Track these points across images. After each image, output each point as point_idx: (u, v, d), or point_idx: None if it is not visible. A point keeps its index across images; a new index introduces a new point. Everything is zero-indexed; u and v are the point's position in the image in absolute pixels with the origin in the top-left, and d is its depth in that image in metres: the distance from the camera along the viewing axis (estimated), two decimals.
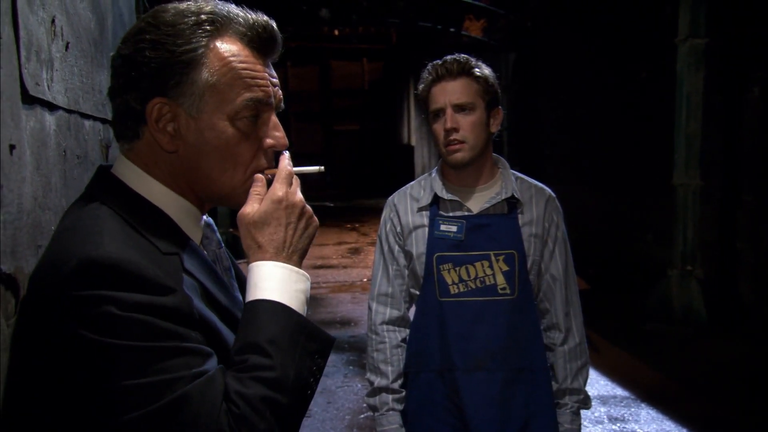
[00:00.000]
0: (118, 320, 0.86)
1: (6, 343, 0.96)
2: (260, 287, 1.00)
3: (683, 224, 6.29)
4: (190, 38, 1.00)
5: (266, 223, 1.02)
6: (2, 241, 0.95)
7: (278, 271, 1.01)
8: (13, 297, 0.99)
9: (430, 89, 1.93)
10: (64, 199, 1.32)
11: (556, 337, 2.01)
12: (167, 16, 1.01)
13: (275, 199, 1.03)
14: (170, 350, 0.88)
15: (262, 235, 1.02)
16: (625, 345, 5.72)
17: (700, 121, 6.23)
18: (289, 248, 1.03)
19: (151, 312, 0.88)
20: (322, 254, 11.26)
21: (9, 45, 1.01)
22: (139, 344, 0.86)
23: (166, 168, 1.05)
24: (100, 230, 0.93)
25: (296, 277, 1.02)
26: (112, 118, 1.07)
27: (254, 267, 1.02)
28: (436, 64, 1.94)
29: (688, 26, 6.17)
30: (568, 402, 1.99)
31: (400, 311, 2.05)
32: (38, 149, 1.16)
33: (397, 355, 2.03)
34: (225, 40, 1.03)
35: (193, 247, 1.05)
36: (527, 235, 1.95)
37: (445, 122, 1.90)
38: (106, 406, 0.86)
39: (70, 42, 1.40)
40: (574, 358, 1.99)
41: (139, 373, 0.86)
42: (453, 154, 1.91)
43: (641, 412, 4.43)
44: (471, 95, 1.90)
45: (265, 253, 1.02)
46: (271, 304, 0.98)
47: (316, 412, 4.46)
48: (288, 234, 1.03)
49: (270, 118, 1.08)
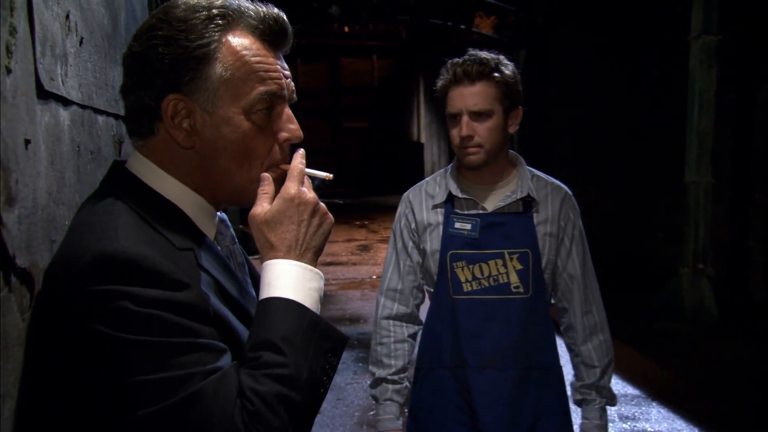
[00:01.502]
0: (132, 315, 0.86)
1: (21, 338, 0.96)
2: (273, 285, 0.99)
3: (694, 222, 6.25)
4: (202, 33, 0.99)
5: (278, 222, 1.02)
6: (18, 236, 0.95)
7: (291, 269, 1.01)
8: (29, 291, 0.99)
9: (448, 90, 1.90)
10: (78, 194, 1.32)
11: (574, 336, 2.00)
12: (178, 12, 1.00)
13: (287, 197, 1.02)
14: (184, 346, 0.88)
15: (275, 233, 1.02)
16: (636, 343, 5.69)
17: (712, 119, 6.19)
18: (302, 246, 1.03)
19: (166, 307, 0.88)
20: (332, 251, 11.26)
21: (24, 40, 1.01)
22: (153, 340, 0.86)
23: (182, 164, 1.04)
24: (114, 226, 0.93)
25: (309, 275, 1.02)
26: (125, 116, 1.07)
27: (267, 265, 1.02)
28: (455, 63, 1.89)
29: (701, 23, 6.13)
30: (595, 398, 1.98)
31: (408, 308, 2.04)
32: (52, 144, 1.16)
33: (401, 350, 2.02)
34: (237, 33, 1.02)
35: (207, 243, 1.05)
36: (542, 233, 1.94)
37: (460, 129, 1.87)
38: (118, 402, 0.86)
39: (84, 37, 1.40)
40: (600, 355, 1.98)
41: (153, 369, 0.86)
42: (468, 157, 1.90)
43: (652, 411, 4.41)
44: (489, 101, 1.86)
45: (278, 251, 1.01)
46: (284, 302, 0.98)
47: (326, 409, 4.46)
48: (301, 232, 1.03)
49: (284, 110, 1.08)
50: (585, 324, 1.99)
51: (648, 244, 7.95)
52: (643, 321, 6.31)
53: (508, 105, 1.90)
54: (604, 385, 1.98)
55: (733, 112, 6.52)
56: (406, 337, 2.04)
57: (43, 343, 0.91)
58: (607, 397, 1.99)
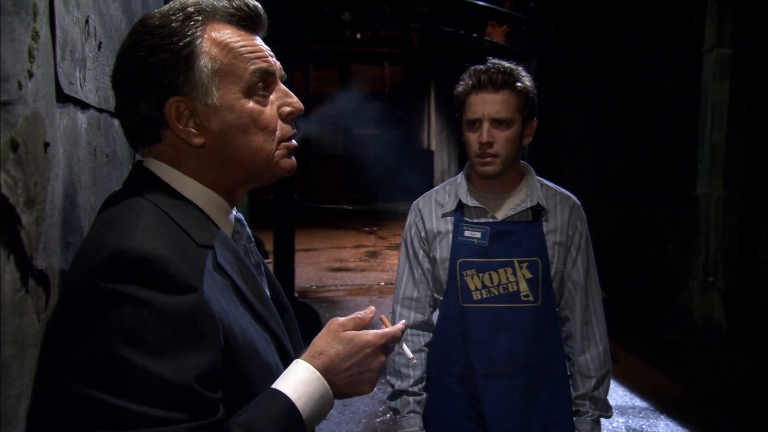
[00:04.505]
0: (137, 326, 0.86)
1: (37, 339, 0.97)
2: (288, 383, 1.00)
3: (705, 234, 6.22)
4: (184, 32, 1.03)
5: (341, 344, 1.05)
6: (35, 238, 0.96)
7: (315, 384, 1.02)
8: (45, 293, 1.00)
9: (468, 95, 1.91)
10: (93, 196, 1.33)
11: (573, 346, 2.00)
12: (155, 21, 1.04)
13: (365, 343, 1.06)
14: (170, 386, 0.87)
15: (332, 349, 1.05)
16: (645, 355, 5.66)
17: (724, 131, 6.16)
18: (335, 376, 1.04)
19: (164, 320, 0.88)
20: (340, 257, 11.27)
21: (46, 45, 1.02)
22: (134, 361, 0.86)
23: (195, 163, 1.07)
24: (135, 222, 0.95)
25: (324, 400, 1.03)
26: (125, 132, 1.09)
27: (302, 363, 1.03)
28: (478, 69, 1.90)
29: (715, 35, 6.11)
30: (588, 410, 1.97)
31: (425, 315, 2.04)
32: (70, 147, 1.18)
33: (418, 359, 2.02)
34: (215, 26, 1.06)
35: (226, 240, 1.07)
36: (551, 242, 1.94)
37: (481, 135, 1.87)
38: (80, 415, 0.86)
39: (103, 42, 1.42)
40: (596, 366, 1.98)
41: (128, 395, 0.85)
42: (485, 167, 1.90)
43: (660, 424, 4.39)
44: (511, 110, 1.87)
45: (319, 360, 1.04)
46: (288, 405, 0.98)
47: (332, 415, 4.46)
48: (348, 370, 1.05)
49: (278, 87, 1.12)
50: (584, 334, 1.99)
51: (658, 256, 7.91)
52: (653, 333, 6.28)
53: (526, 116, 1.91)
54: (598, 396, 1.98)
55: (745, 125, 6.49)
56: (423, 346, 2.04)
57: (59, 335, 0.92)
58: (602, 409, 1.98)
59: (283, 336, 1.13)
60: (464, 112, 1.92)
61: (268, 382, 1.01)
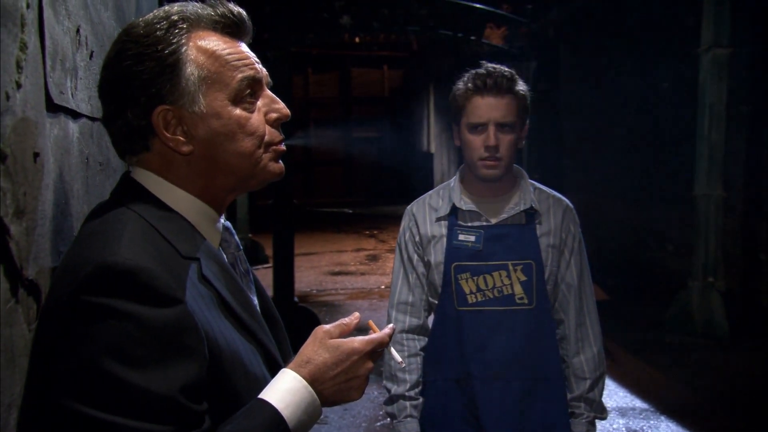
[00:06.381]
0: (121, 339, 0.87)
1: (28, 349, 0.97)
2: (275, 393, 1.00)
3: (705, 235, 6.22)
4: (169, 40, 1.02)
5: (328, 352, 1.05)
6: (25, 248, 0.97)
7: (302, 393, 1.02)
8: (35, 303, 1.01)
9: (470, 99, 1.90)
10: (86, 205, 1.33)
11: (567, 348, 2.00)
12: (140, 30, 1.04)
13: (351, 351, 1.06)
14: (152, 397, 0.87)
15: (318, 357, 1.05)
16: (645, 356, 5.66)
17: (723, 132, 6.16)
18: (322, 384, 1.04)
19: (149, 333, 0.88)
20: (341, 260, 11.27)
21: (35, 55, 1.03)
22: (121, 376, 0.86)
23: (182, 171, 1.07)
24: (120, 235, 0.94)
25: (312, 409, 1.03)
26: (113, 141, 1.09)
27: (289, 373, 1.03)
28: (480, 73, 1.90)
29: (712, 36, 6.11)
30: (583, 412, 1.97)
31: (420, 320, 2.04)
32: (61, 156, 1.18)
33: (415, 364, 2.02)
34: (201, 33, 1.06)
35: (212, 252, 1.07)
36: (545, 245, 1.95)
37: (487, 139, 1.87)
38: (67, 429, 0.87)
39: (94, 51, 1.43)
40: (590, 368, 1.98)
41: (113, 409, 0.86)
42: (490, 170, 1.91)
43: (661, 425, 4.38)
44: (514, 114, 1.89)
45: (306, 369, 1.04)
46: (274, 414, 0.98)
47: (333, 420, 4.46)
48: (335, 378, 1.05)
49: (265, 93, 1.12)
50: (578, 336, 1.99)
51: (657, 257, 7.91)
52: (653, 334, 6.28)
53: (524, 119, 1.92)
54: (593, 398, 1.98)
55: (744, 125, 6.49)
56: (419, 350, 2.04)
57: (44, 349, 0.92)
58: (597, 411, 1.98)
59: (272, 346, 1.12)
60: (465, 115, 1.92)
61: (254, 392, 1.01)
